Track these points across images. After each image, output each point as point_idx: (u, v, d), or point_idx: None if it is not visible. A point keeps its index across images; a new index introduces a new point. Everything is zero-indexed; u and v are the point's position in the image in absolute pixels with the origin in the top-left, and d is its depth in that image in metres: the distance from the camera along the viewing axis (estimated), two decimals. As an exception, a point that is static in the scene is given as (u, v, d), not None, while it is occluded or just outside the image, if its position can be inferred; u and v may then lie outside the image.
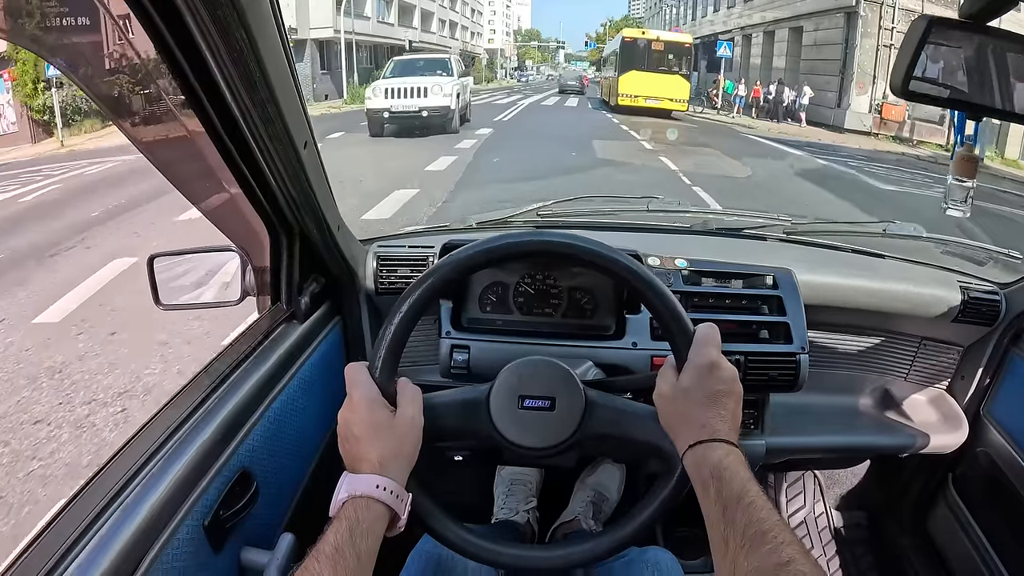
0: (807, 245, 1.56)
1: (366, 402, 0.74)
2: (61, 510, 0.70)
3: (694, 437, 0.71)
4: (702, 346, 0.75)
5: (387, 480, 0.70)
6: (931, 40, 0.79)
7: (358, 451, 0.72)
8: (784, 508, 1.84)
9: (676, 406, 0.74)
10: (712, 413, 0.72)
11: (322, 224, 1.02)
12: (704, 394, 0.73)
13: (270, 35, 0.68)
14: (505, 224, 1.48)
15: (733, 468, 0.67)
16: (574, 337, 1.17)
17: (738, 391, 0.74)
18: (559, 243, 0.81)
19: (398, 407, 0.76)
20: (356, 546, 0.64)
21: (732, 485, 0.65)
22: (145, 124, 0.78)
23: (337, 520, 0.66)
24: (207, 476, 0.80)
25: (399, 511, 0.71)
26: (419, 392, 0.79)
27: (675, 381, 0.75)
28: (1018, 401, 1.40)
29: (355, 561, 0.64)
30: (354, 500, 0.68)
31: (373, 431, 0.73)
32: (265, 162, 0.83)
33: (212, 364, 0.94)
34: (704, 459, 0.69)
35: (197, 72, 0.68)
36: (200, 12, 0.60)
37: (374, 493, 0.69)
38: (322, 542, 0.64)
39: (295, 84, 0.78)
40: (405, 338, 0.79)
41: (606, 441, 0.83)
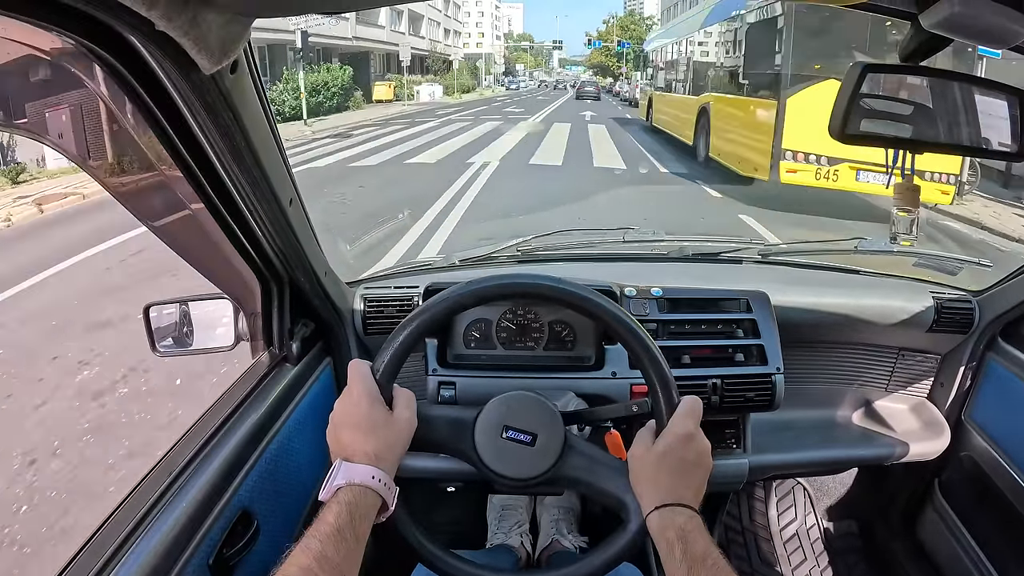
0: (782, 266, 1.60)
1: (367, 397, 0.79)
2: (73, 557, 0.74)
3: (660, 500, 0.76)
4: (683, 417, 0.81)
5: (381, 472, 0.75)
6: (867, 85, 0.83)
7: (354, 441, 0.76)
8: (775, 521, 1.87)
9: (648, 469, 0.79)
10: (680, 481, 0.77)
11: (309, 272, 1.07)
12: (676, 462, 0.78)
13: (253, 110, 0.74)
14: (488, 260, 1.52)
15: (697, 531, 0.72)
16: (556, 369, 1.21)
17: (707, 464, 0.80)
18: (579, 296, 0.86)
19: (394, 408, 0.81)
20: (355, 529, 0.69)
21: (696, 547, 0.70)
22: (139, 188, 0.83)
23: (336, 504, 0.70)
24: (210, 517, 0.85)
25: (389, 501, 0.76)
26: (413, 397, 0.84)
27: (651, 445, 0.80)
28: (997, 405, 1.44)
29: (354, 543, 0.68)
30: (351, 487, 0.72)
31: (371, 425, 0.77)
32: (254, 220, 0.89)
33: (211, 409, 0.98)
34: (670, 521, 0.73)
35: (189, 147, 0.73)
36: (191, 98, 0.66)
37: (370, 483, 0.73)
38: (320, 523, 0.68)
39: (279, 148, 0.84)
40: (410, 349, 0.84)
41: (575, 484, 0.88)
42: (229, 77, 0.65)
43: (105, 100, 0.69)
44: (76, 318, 4.50)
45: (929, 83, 0.88)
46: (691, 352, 1.26)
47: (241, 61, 0.66)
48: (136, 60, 0.61)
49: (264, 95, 0.75)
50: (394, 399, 0.82)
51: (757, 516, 1.87)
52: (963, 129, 0.87)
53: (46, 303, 4.89)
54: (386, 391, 0.82)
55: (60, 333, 4.28)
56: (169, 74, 0.62)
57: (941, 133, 0.88)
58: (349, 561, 0.67)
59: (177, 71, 0.62)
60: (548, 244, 1.61)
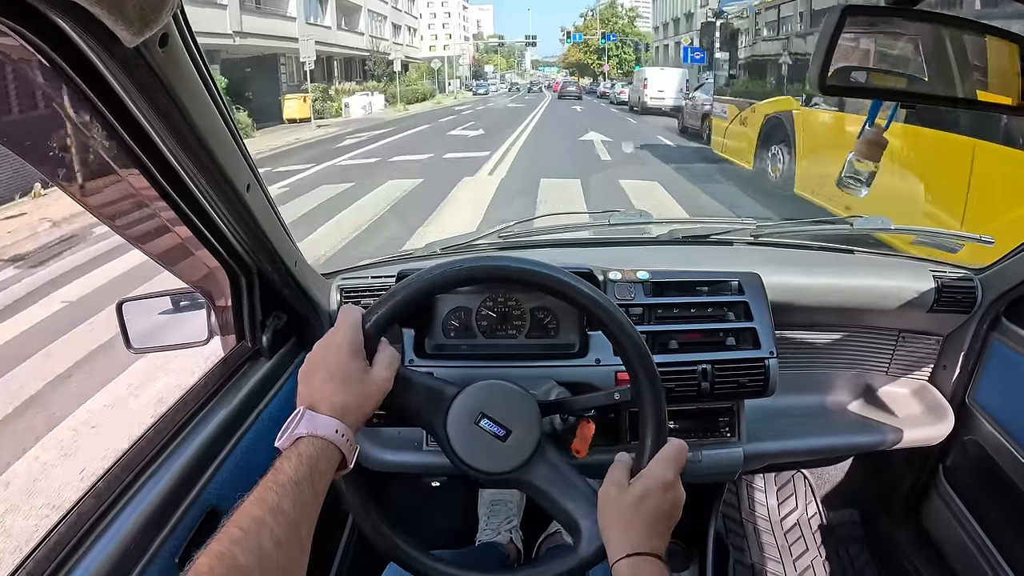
0: (774, 246, 1.56)
1: (348, 346, 0.75)
2: (30, 552, 0.72)
3: (632, 548, 0.72)
4: (665, 463, 0.78)
5: (345, 427, 0.71)
6: (848, 30, 0.77)
7: (324, 390, 0.73)
8: (776, 511, 1.83)
9: (622, 511, 0.76)
10: (654, 529, 0.74)
11: (277, 262, 1.04)
12: (651, 511, 0.75)
13: (193, 88, 0.70)
14: (469, 248, 1.49)
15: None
16: (538, 357, 1.18)
17: (678, 515, 0.77)
18: (579, 290, 0.83)
19: (374, 365, 0.77)
20: (314, 483, 0.66)
21: None
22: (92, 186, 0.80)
23: (295, 455, 0.67)
24: (176, 513, 0.83)
25: (348, 458, 0.73)
26: (397, 358, 0.80)
27: (626, 486, 0.77)
28: (1002, 387, 1.39)
29: (312, 498, 0.65)
30: (313, 439, 0.69)
31: (345, 376, 0.74)
32: (211, 208, 0.86)
33: (175, 405, 0.96)
34: (640, 571, 0.71)
35: (130, 131, 0.71)
36: (120, 77, 0.63)
37: (332, 436, 0.70)
38: (276, 472, 0.65)
39: (230, 130, 0.81)
40: (409, 309, 0.81)
41: (535, 492, 0.84)
42: (159, 52, 0.62)
43: (40, 85, 0.66)
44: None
45: (920, 29, 0.81)
46: (679, 337, 1.22)
47: (172, 34, 0.63)
48: (58, 37, 0.58)
49: (207, 72, 0.72)
50: (376, 355, 0.78)
51: (757, 506, 1.83)
52: (958, 80, 0.81)
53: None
54: (371, 344, 0.78)
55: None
56: (94, 50, 0.59)
57: (935, 85, 0.82)
58: (305, 516, 0.64)
59: (100, 47, 0.58)
60: (530, 229, 1.58)
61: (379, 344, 0.79)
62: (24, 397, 3.58)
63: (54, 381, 3.73)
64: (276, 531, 0.60)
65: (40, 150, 0.73)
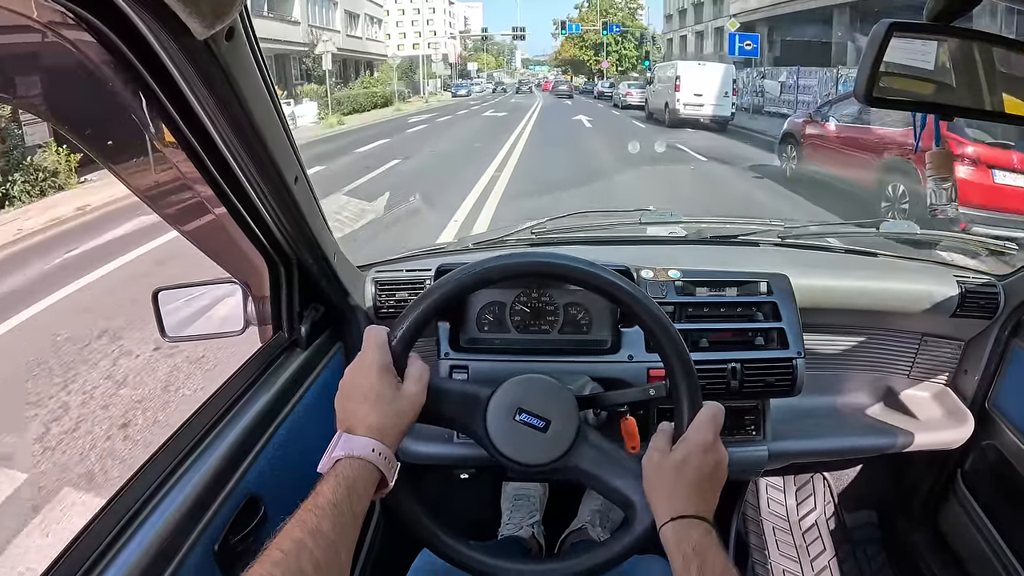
0: (801, 248, 1.57)
1: (377, 367, 0.76)
2: (74, 540, 0.72)
3: (677, 511, 0.73)
4: (704, 424, 0.78)
5: (382, 446, 0.72)
6: (893, 45, 0.80)
7: (358, 412, 0.74)
8: (795, 511, 1.83)
9: (664, 477, 0.77)
10: (698, 492, 0.75)
11: (318, 254, 1.05)
12: (693, 473, 0.75)
13: (253, 81, 0.72)
14: (501, 243, 1.49)
15: (714, 548, 0.70)
16: (571, 353, 1.19)
17: (723, 476, 0.78)
18: (611, 283, 0.84)
19: (404, 380, 0.78)
20: (352, 504, 0.67)
21: (716, 564, 0.68)
22: (142, 171, 0.81)
23: (333, 477, 0.69)
24: (216, 502, 0.83)
25: (388, 477, 0.74)
26: (427, 371, 0.81)
27: (668, 451, 0.78)
28: (1022, 393, 1.40)
29: (350, 518, 0.66)
30: (350, 460, 0.70)
31: (377, 397, 0.75)
32: (258, 199, 0.87)
33: (216, 394, 0.97)
34: (686, 535, 0.71)
35: (187, 121, 0.72)
36: (185, 67, 0.64)
37: (370, 456, 0.71)
38: (317, 495, 0.66)
39: (282, 124, 0.82)
40: (430, 320, 0.82)
41: (583, 476, 0.85)
42: (225, 44, 0.63)
43: (102, 74, 0.67)
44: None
45: (958, 44, 0.83)
46: (710, 335, 1.24)
47: (237, 27, 0.64)
48: (128, 28, 0.59)
49: (264, 66, 0.73)
50: (406, 371, 0.79)
51: (776, 507, 1.84)
52: (992, 93, 0.83)
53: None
54: (400, 361, 0.79)
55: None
56: (162, 42, 0.60)
57: (969, 97, 0.84)
58: (344, 537, 0.65)
59: (169, 38, 0.60)
60: (562, 226, 1.58)
61: (408, 359, 0.81)
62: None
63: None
64: (316, 553, 0.61)
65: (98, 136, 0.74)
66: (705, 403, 0.81)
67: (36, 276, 5.57)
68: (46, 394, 3.42)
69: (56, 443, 3.00)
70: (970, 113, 0.90)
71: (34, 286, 5.30)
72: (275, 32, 25.06)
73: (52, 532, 2.42)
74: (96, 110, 0.73)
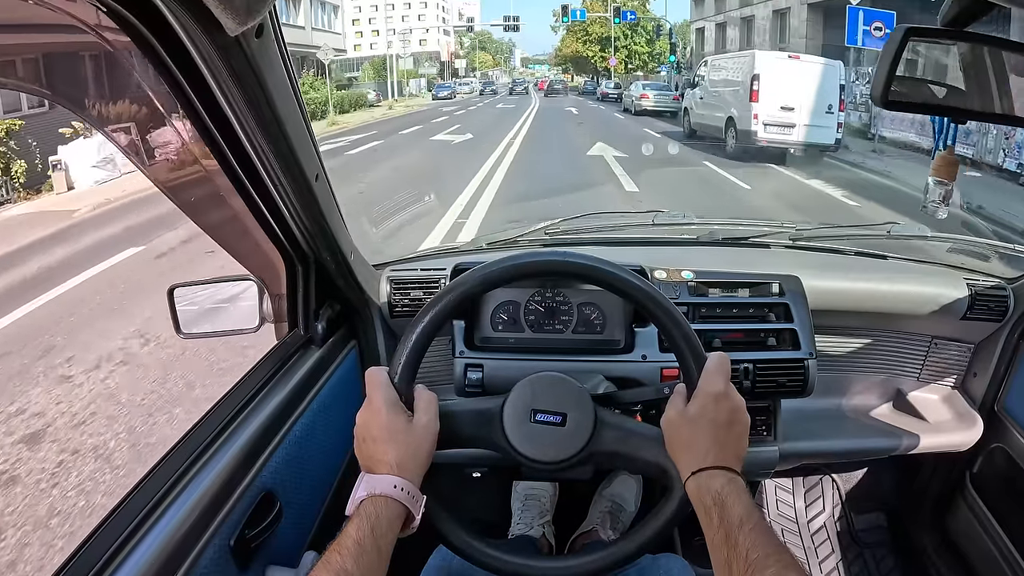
0: (812, 251, 1.57)
1: (385, 405, 0.77)
2: (92, 534, 0.73)
3: (697, 464, 0.73)
4: (712, 375, 0.78)
5: (404, 481, 0.73)
6: (910, 49, 0.81)
7: (376, 452, 0.75)
8: (803, 513, 1.84)
9: (681, 433, 0.77)
10: (716, 442, 0.74)
11: (336, 252, 1.06)
12: (710, 423, 0.75)
13: (280, 78, 0.72)
14: (514, 244, 1.50)
15: (735, 495, 0.69)
16: (585, 352, 1.19)
17: (744, 421, 0.77)
18: (581, 265, 0.84)
19: (415, 412, 0.79)
20: (376, 542, 0.67)
21: (734, 511, 0.67)
22: (165, 165, 0.82)
23: (357, 517, 0.69)
24: (232, 498, 0.84)
25: (414, 511, 0.74)
26: (435, 399, 0.82)
27: (683, 408, 0.78)
28: None
29: (376, 556, 0.66)
30: (373, 499, 0.71)
31: (391, 434, 0.75)
32: (279, 195, 0.87)
33: (233, 390, 0.97)
34: (706, 486, 0.71)
35: (214, 117, 0.72)
36: (215, 62, 0.64)
37: (392, 493, 0.71)
38: (343, 537, 0.67)
39: (305, 121, 0.83)
40: (425, 347, 0.82)
41: (614, 458, 0.85)
42: (255, 41, 0.64)
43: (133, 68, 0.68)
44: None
45: (972, 49, 0.84)
46: (722, 336, 1.24)
47: (267, 24, 0.65)
48: (159, 21, 0.59)
49: (290, 63, 0.74)
50: (415, 403, 0.80)
51: (784, 508, 1.84)
52: (1008, 98, 0.84)
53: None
54: (407, 394, 0.80)
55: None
56: (192, 36, 0.61)
57: (984, 102, 0.85)
58: (370, 574, 0.65)
59: (201, 32, 0.60)
60: (575, 227, 1.59)
61: (414, 391, 0.81)
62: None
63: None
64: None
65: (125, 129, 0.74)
66: (709, 354, 0.80)
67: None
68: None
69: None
70: (982, 117, 0.91)
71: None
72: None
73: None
74: (124, 103, 0.74)
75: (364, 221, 4.45)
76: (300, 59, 25.45)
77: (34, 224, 7.53)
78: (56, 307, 4.83)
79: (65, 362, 3.80)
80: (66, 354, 3.91)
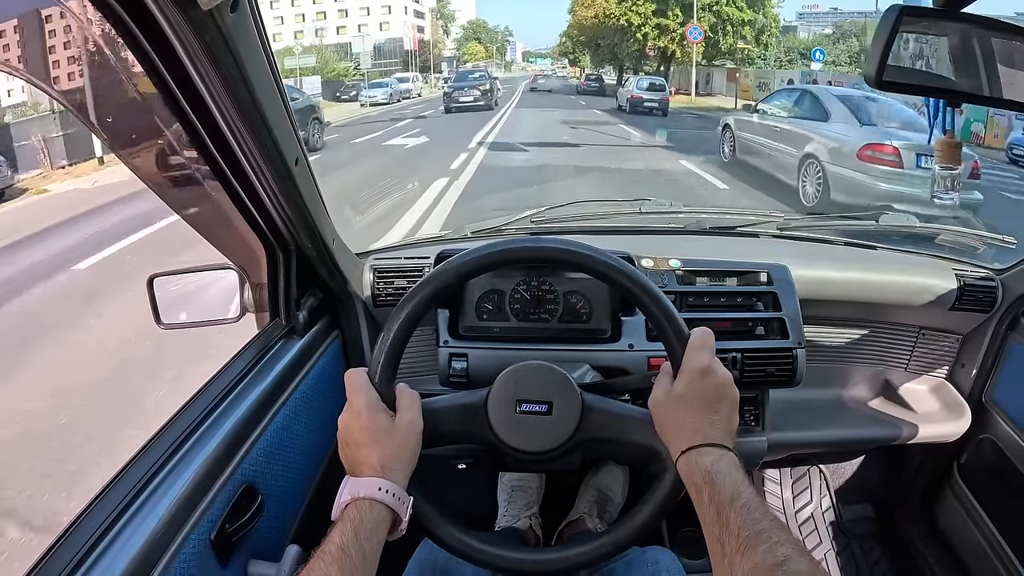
0: (801, 240, 1.57)
1: (366, 407, 0.75)
2: (68, 527, 0.71)
3: (686, 443, 0.72)
4: (696, 351, 0.76)
5: (388, 483, 0.71)
6: (903, 29, 0.80)
7: (359, 455, 0.73)
8: (791, 504, 1.84)
9: (669, 412, 0.75)
10: (704, 418, 0.73)
11: (317, 239, 1.04)
12: (697, 400, 0.74)
13: (256, 56, 0.70)
14: (499, 232, 1.49)
15: (725, 471, 0.67)
16: (571, 341, 1.18)
17: (732, 395, 0.75)
18: (552, 248, 0.83)
19: (397, 411, 0.77)
20: (361, 546, 0.66)
21: (725, 488, 0.66)
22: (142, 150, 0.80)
23: (341, 521, 0.68)
24: (211, 491, 0.82)
25: (400, 513, 0.72)
26: (417, 396, 0.80)
27: (669, 387, 0.76)
28: (1019, 386, 1.40)
29: (360, 560, 0.65)
30: (357, 502, 0.69)
31: (373, 435, 0.74)
32: (258, 180, 0.85)
33: (212, 381, 0.95)
34: (696, 464, 0.69)
35: (189, 97, 0.70)
36: (189, 38, 0.62)
37: (376, 495, 0.70)
38: (327, 542, 0.65)
39: (284, 103, 0.80)
40: (403, 344, 0.80)
41: (603, 444, 0.84)
42: (229, 16, 0.61)
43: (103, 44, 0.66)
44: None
45: (967, 30, 0.83)
46: (710, 325, 1.23)
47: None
48: None
49: (267, 40, 0.71)
50: (397, 402, 0.78)
51: (772, 499, 1.84)
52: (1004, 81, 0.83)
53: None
54: (388, 394, 0.78)
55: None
56: (164, 9, 0.59)
57: (980, 84, 0.84)
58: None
59: (173, 6, 0.58)
60: (562, 215, 1.57)
61: (395, 390, 0.80)
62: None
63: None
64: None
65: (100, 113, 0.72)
66: (692, 330, 0.79)
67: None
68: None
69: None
70: (977, 99, 0.90)
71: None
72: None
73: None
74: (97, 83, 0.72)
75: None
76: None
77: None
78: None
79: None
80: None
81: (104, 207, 7.83)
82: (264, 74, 0.73)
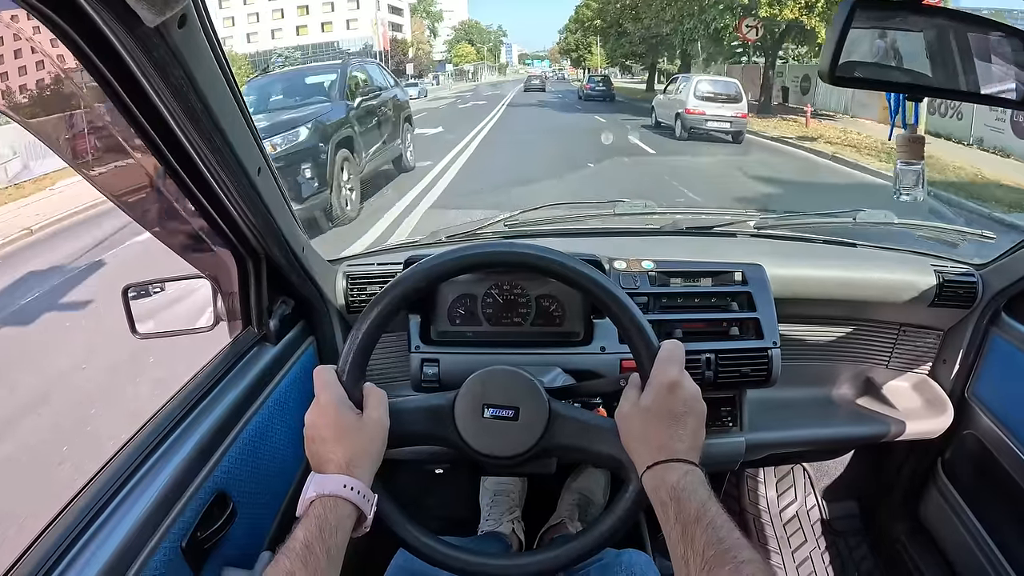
0: (778, 239, 1.56)
1: (334, 404, 0.76)
2: (36, 538, 0.71)
3: (652, 458, 0.71)
4: (664, 364, 0.76)
5: (354, 480, 0.72)
6: (857, 23, 0.78)
7: (325, 452, 0.74)
8: (775, 503, 1.84)
9: (635, 426, 0.75)
10: (670, 433, 0.72)
11: (285, 247, 1.04)
12: (664, 414, 0.73)
13: (209, 69, 0.71)
14: (474, 236, 1.49)
15: (691, 488, 0.67)
16: (543, 345, 1.18)
17: (699, 410, 0.75)
18: (521, 253, 0.83)
19: (364, 410, 0.78)
20: (325, 543, 0.66)
21: (690, 505, 0.65)
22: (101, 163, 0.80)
23: (306, 519, 0.68)
24: (182, 499, 0.82)
25: (365, 510, 0.73)
26: (384, 396, 0.81)
27: (636, 400, 0.76)
28: (1001, 381, 1.40)
29: (324, 558, 0.65)
30: (322, 499, 0.70)
31: (340, 432, 0.75)
32: (221, 191, 0.86)
33: (183, 389, 0.96)
34: (662, 480, 0.69)
35: (145, 112, 0.70)
36: (137, 55, 0.63)
37: (341, 492, 0.71)
38: (292, 540, 0.66)
39: (242, 113, 0.81)
40: (372, 344, 0.81)
41: (567, 451, 0.84)
42: (177, 32, 0.62)
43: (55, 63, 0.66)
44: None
45: (926, 23, 0.82)
46: (684, 326, 1.23)
47: (191, 15, 0.63)
48: (77, 14, 0.58)
49: (222, 55, 0.72)
50: (365, 400, 0.79)
51: (756, 498, 1.84)
52: (963, 74, 0.82)
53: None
54: (355, 393, 0.79)
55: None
56: (113, 30, 0.59)
57: (940, 78, 0.83)
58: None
59: (120, 26, 0.59)
60: (535, 218, 1.57)
61: (363, 388, 0.80)
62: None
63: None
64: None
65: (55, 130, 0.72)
66: (662, 343, 0.79)
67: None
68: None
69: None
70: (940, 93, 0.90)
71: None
72: None
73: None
74: (51, 101, 0.72)
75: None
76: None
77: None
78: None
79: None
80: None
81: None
82: (219, 87, 0.73)
